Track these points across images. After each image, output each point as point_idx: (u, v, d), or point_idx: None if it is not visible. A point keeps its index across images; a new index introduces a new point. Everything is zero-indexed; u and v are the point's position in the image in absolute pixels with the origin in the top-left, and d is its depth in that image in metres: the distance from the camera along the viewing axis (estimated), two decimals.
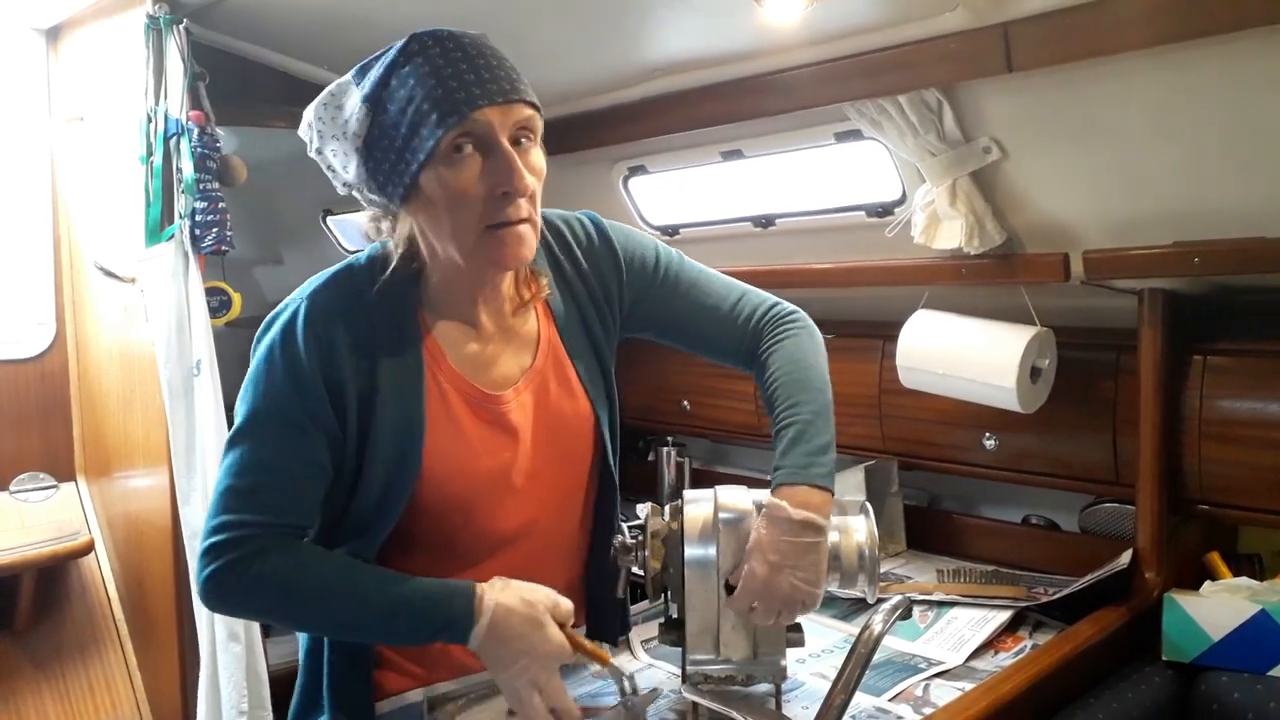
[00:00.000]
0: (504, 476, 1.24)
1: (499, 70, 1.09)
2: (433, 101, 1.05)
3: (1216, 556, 1.76)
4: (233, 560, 1.10)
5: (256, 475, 1.13)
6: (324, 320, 1.15)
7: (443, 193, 1.09)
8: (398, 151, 1.09)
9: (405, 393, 1.17)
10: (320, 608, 1.14)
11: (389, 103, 1.08)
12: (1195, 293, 1.73)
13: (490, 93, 1.07)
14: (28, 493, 2.40)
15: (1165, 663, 1.58)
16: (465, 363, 1.23)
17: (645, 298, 1.36)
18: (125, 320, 2.13)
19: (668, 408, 2.70)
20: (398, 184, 1.10)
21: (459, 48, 1.08)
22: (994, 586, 1.84)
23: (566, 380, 1.29)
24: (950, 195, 1.68)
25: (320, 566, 1.14)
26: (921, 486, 2.32)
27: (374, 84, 1.09)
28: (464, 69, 1.06)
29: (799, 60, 1.71)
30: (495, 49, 1.12)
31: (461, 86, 1.06)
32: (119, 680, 2.26)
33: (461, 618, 1.12)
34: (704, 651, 1.30)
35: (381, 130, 1.09)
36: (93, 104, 2.26)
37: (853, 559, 1.28)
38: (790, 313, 1.38)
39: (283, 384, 1.13)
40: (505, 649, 1.12)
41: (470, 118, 1.06)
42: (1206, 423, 1.69)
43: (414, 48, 1.08)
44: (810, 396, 1.29)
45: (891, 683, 1.49)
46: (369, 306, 1.18)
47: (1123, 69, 1.40)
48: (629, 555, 1.33)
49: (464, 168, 1.08)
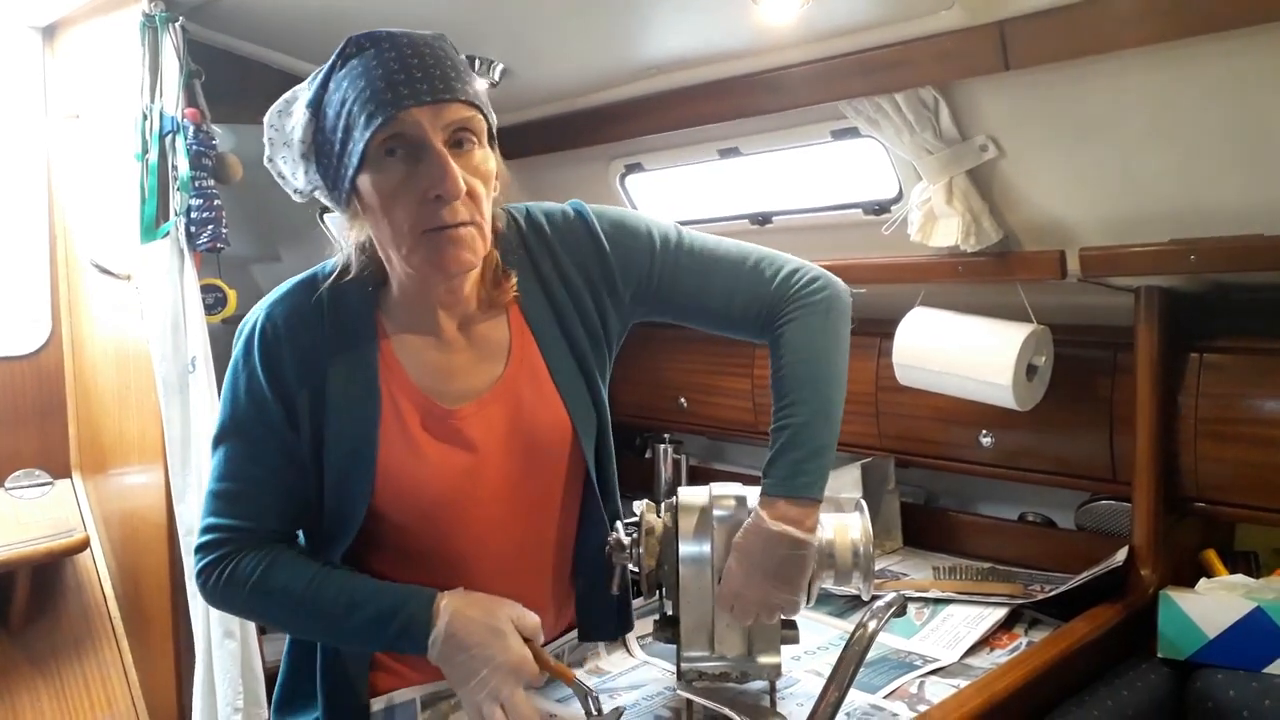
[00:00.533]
0: (464, 491, 1.19)
1: (434, 69, 1.04)
2: (361, 103, 1.02)
3: (1212, 554, 1.76)
4: (212, 561, 1.16)
5: (231, 482, 1.16)
6: (276, 335, 1.15)
7: (376, 197, 1.06)
8: (336, 156, 1.07)
9: (356, 408, 1.15)
10: (284, 610, 1.17)
11: (327, 107, 1.06)
12: (1192, 290, 1.73)
13: (419, 92, 1.02)
14: (23, 490, 2.40)
15: (1160, 660, 1.58)
16: (426, 374, 1.19)
17: (646, 286, 1.28)
18: (121, 317, 2.13)
19: (665, 405, 2.70)
20: (339, 190, 1.09)
21: (394, 48, 1.04)
22: (990, 584, 1.84)
23: (541, 388, 1.23)
24: (947, 193, 1.68)
25: (285, 571, 1.15)
26: (918, 484, 2.32)
27: (315, 89, 1.08)
28: (394, 69, 1.02)
29: (796, 58, 1.71)
30: (438, 48, 1.07)
31: (389, 87, 1.01)
32: (115, 677, 2.25)
33: (418, 622, 1.11)
34: (699, 648, 1.30)
35: (323, 136, 1.08)
36: (89, 101, 2.26)
37: (847, 556, 1.28)
38: (805, 285, 1.27)
39: (243, 398, 1.16)
40: (464, 657, 1.10)
41: (397, 118, 1.02)
42: (1203, 420, 1.69)
43: (350, 50, 1.05)
44: (811, 393, 1.22)
45: (886, 680, 1.49)
46: (326, 318, 1.16)
47: (1119, 67, 1.40)
48: (624, 553, 1.33)
49: (392, 171, 1.05)
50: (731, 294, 1.27)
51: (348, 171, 1.05)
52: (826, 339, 1.25)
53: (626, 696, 1.39)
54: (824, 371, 1.24)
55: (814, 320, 1.25)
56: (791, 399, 1.23)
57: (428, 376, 1.19)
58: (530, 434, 1.22)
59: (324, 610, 1.14)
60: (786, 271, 1.28)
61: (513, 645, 1.11)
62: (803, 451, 1.20)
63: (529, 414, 1.22)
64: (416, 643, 1.12)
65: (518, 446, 1.22)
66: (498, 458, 1.20)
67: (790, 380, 1.23)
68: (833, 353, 1.26)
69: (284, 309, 1.17)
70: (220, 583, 1.15)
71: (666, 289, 1.28)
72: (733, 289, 1.27)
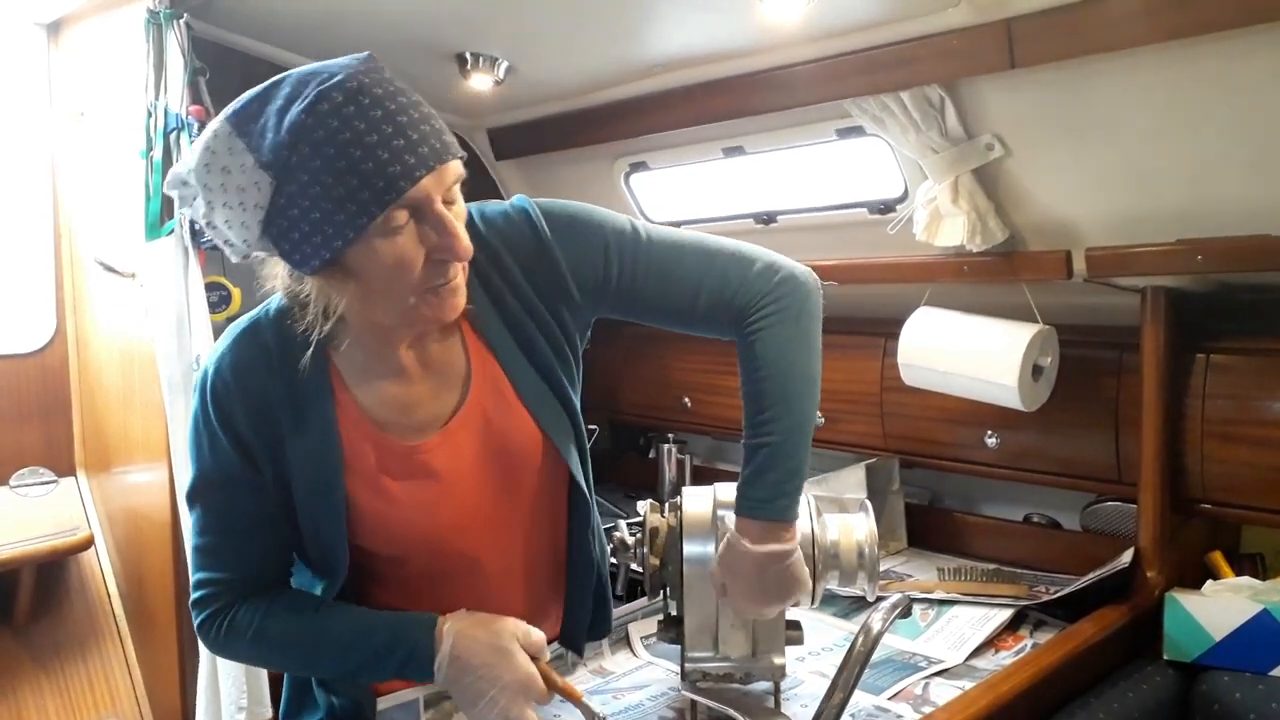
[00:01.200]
0: (441, 520, 1.17)
1: (427, 129, 0.98)
2: (361, 176, 0.94)
3: (1219, 556, 1.75)
4: (209, 616, 1.15)
5: (211, 536, 1.15)
6: (225, 388, 1.11)
7: (376, 267, 1.00)
8: (314, 224, 0.96)
9: (317, 459, 1.12)
10: (289, 654, 1.17)
11: (299, 171, 0.95)
12: (1198, 291, 1.72)
13: (424, 159, 0.96)
14: (28, 488, 2.40)
15: (1166, 662, 1.58)
16: (387, 410, 1.14)
17: (602, 288, 1.20)
18: (125, 315, 2.13)
19: (669, 405, 2.70)
20: (312, 258, 0.98)
21: (377, 106, 0.95)
22: (995, 585, 1.84)
23: (507, 405, 1.18)
24: (952, 192, 1.67)
25: (282, 616, 1.15)
26: (923, 484, 2.31)
27: (277, 148, 0.95)
28: (390, 133, 0.94)
29: (801, 57, 1.71)
30: (415, 99, 0.99)
31: (394, 157, 0.94)
32: (119, 676, 2.25)
33: (422, 648, 1.10)
34: (703, 649, 1.30)
35: (290, 200, 0.96)
36: (93, 98, 2.26)
37: (852, 557, 1.28)
38: (774, 288, 1.20)
39: (206, 453, 1.13)
40: (471, 678, 1.08)
41: (408, 193, 0.96)
42: (1209, 421, 1.69)
43: (324, 108, 0.94)
44: (785, 410, 1.18)
45: (891, 681, 1.48)
46: (275, 365, 1.11)
47: (1126, 65, 1.39)
48: (628, 552, 1.33)
49: (401, 240, 0.99)
50: (696, 295, 1.20)
51: (333, 243, 0.97)
52: (798, 349, 1.20)
53: (630, 697, 1.39)
54: (797, 387, 1.19)
55: (785, 330, 1.20)
56: (767, 416, 1.18)
57: (388, 412, 1.14)
58: (503, 453, 1.18)
59: (327, 650, 1.14)
60: (755, 272, 1.21)
61: (520, 663, 1.09)
62: (780, 472, 1.18)
63: (499, 433, 1.18)
64: (422, 670, 1.11)
65: (492, 467, 1.18)
66: (471, 482, 1.17)
67: (764, 397, 1.19)
68: (806, 364, 1.21)
69: (230, 360, 1.12)
70: (222, 635, 1.15)
71: (625, 290, 1.20)
72: (697, 290, 1.20)
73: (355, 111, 0.94)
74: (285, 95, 0.97)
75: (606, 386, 2.91)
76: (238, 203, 0.98)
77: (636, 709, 1.36)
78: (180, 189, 1.03)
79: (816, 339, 1.23)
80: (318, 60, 1.01)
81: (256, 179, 0.97)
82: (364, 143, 0.94)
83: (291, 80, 0.98)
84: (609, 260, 1.18)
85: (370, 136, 0.94)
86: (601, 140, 2.18)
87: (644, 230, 1.21)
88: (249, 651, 1.18)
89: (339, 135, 0.94)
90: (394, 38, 1.91)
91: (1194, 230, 1.54)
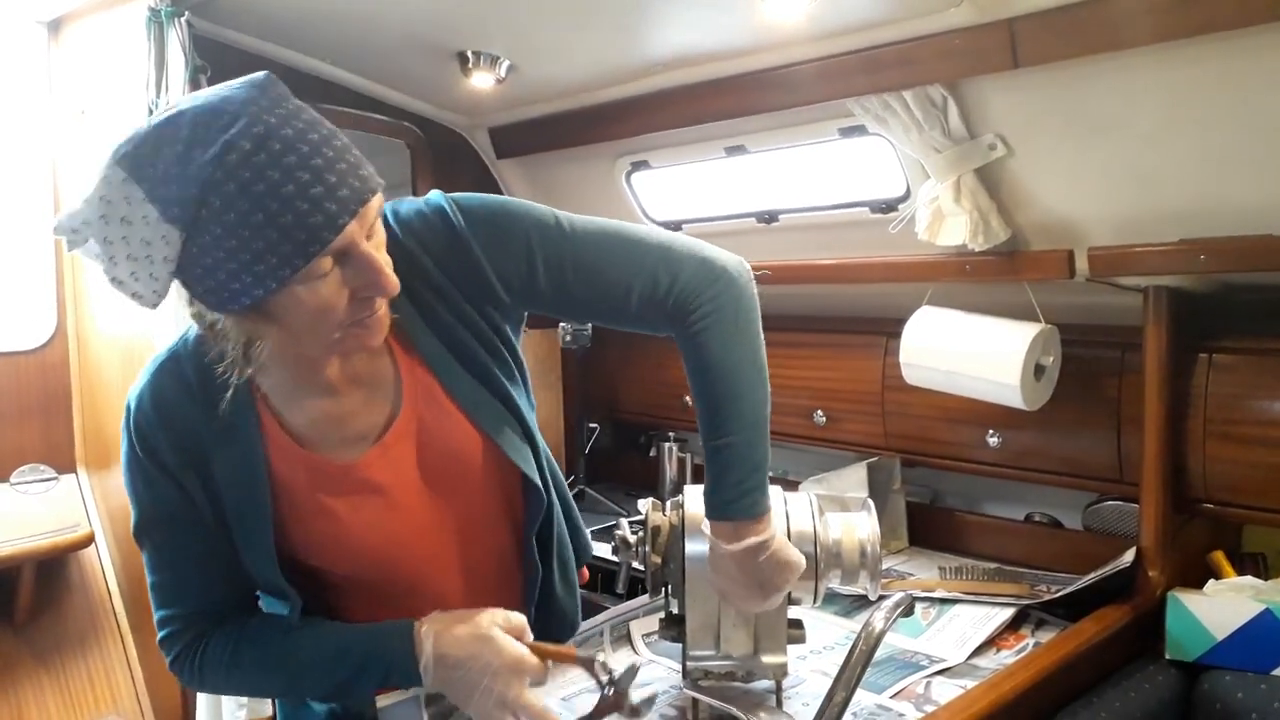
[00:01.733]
0: (388, 534, 1.15)
1: (344, 167, 0.92)
2: (281, 229, 0.88)
3: (1220, 555, 1.75)
4: (179, 654, 1.14)
5: (165, 573, 1.13)
6: (148, 422, 1.08)
7: (300, 312, 0.96)
8: (230, 274, 0.91)
9: (243, 483, 1.09)
10: (269, 680, 1.16)
11: (212, 224, 0.89)
12: (1201, 290, 1.72)
13: (346, 204, 0.91)
14: (28, 484, 2.39)
15: (1168, 661, 1.58)
16: (318, 428, 1.11)
17: (528, 285, 1.15)
18: (125, 312, 2.13)
19: (670, 403, 2.70)
20: (229, 303, 0.94)
21: (289, 150, 0.89)
22: (996, 584, 1.84)
23: (444, 411, 1.14)
24: (955, 191, 1.67)
25: (255, 644, 1.13)
26: (924, 483, 2.31)
27: (184, 202, 0.89)
28: (306, 180, 0.89)
29: (803, 56, 1.71)
30: (326, 132, 0.94)
31: (314, 207, 0.89)
32: (119, 673, 2.25)
33: (404, 655, 1.08)
34: (705, 647, 1.30)
35: (203, 251, 0.90)
36: (94, 97, 2.25)
37: (854, 556, 1.28)
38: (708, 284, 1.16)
39: (142, 491, 1.11)
40: (461, 673, 1.07)
41: (332, 242, 0.92)
42: (1211, 421, 1.68)
43: (232, 159, 0.88)
44: (737, 409, 1.16)
45: (893, 680, 1.48)
46: (198, 395, 1.08)
47: (1129, 65, 1.39)
48: (629, 551, 1.33)
49: (325, 285, 0.95)
50: (627, 296, 1.15)
51: (254, 292, 0.92)
52: (741, 345, 1.17)
53: (632, 695, 1.38)
54: (746, 382, 1.17)
55: (724, 328, 1.16)
56: (720, 417, 1.16)
57: (319, 430, 1.11)
58: (444, 459, 1.16)
59: (309, 672, 1.12)
60: (686, 270, 1.16)
61: (505, 646, 1.07)
62: (742, 470, 1.17)
63: (438, 440, 1.15)
64: (408, 676, 1.09)
65: (435, 475, 1.16)
66: (415, 493, 1.15)
67: (716, 399, 1.16)
68: (751, 357, 1.18)
69: (150, 393, 1.09)
70: (198, 670, 1.13)
71: (553, 290, 1.15)
72: (628, 291, 1.15)
73: (266, 160, 0.88)
74: (185, 140, 0.89)
75: (607, 385, 2.91)
76: (144, 255, 0.91)
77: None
78: (69, 235, 0.93)
79: (757, 329, 1.20)
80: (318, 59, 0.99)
81: (163, 232, 0.90)
82: (280, 194, 0.88)
83: (188, 121, 0.90)
84: (533, 259, 1.13)
85: (286, 187, 0.88)
86: (603, 139, 2.18)
87: (568, 224, 1.15)
88: (229, 682, 1.16)
89: (252, 188, 0.88)
90: (395, 36, 1.91)
91: (1197, 230, 1.54)
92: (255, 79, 0.94)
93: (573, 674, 1.41)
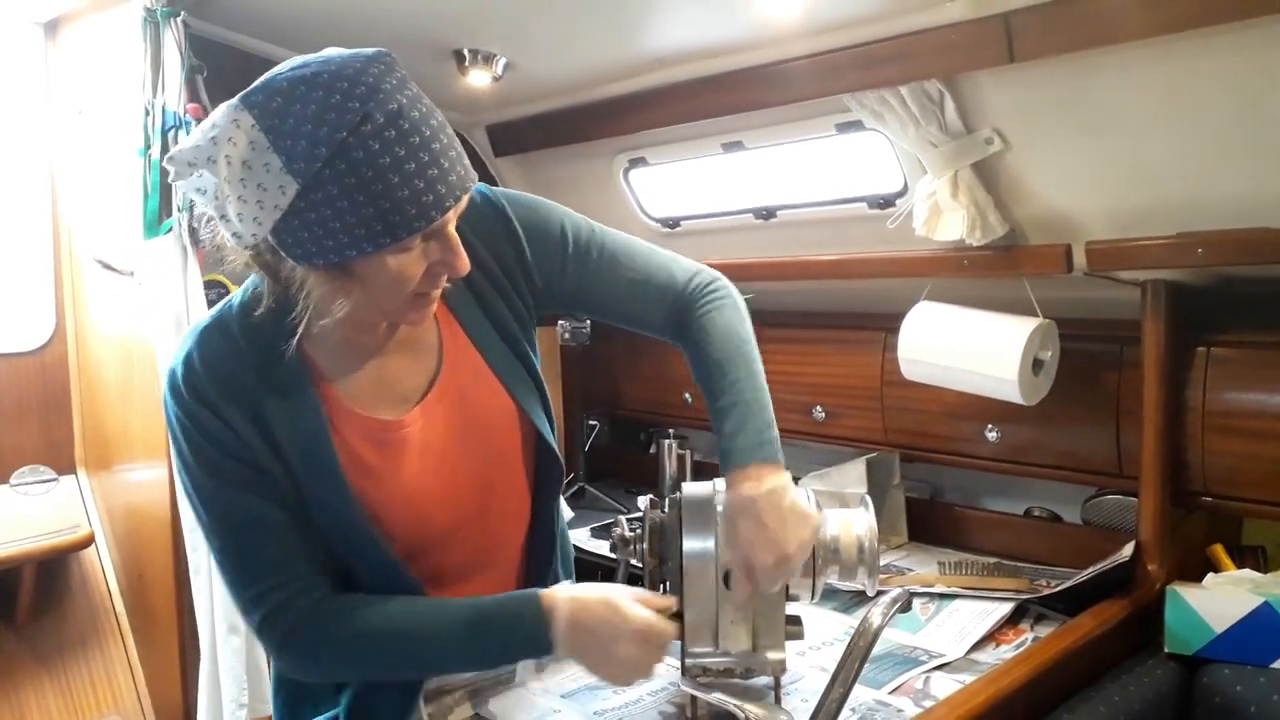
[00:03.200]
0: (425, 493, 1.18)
1: (454, 155, 1.00)
2: (394, 201, 0.95)
3: (1220, 549, 1.75)
4: (288, 630, 1.09)
5: (246, 539, 1.09)
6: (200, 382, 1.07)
7: (381, 277, 1.02)
8: (330, 232, 0.96)
9: (311, 445, 1.10)
10: (396, 651, 1.12)
11: (330, 184, 0.94)
12: (1199, 284, 1.72)
13: (453, 189, 0.99)
14: (28, 485, 2.40)
15: (1168, 655, 1.58)
16: (364, 389, 1.15)
17: (558, 275, 1.26)
18: (124, 313, 2.13)
19: (670, 400, 2.70)
20: (317, 257, 0.99)
21: (415, 132, 0.96)
22: (996, 579, 1.84)
23: (481, 376, 1.22)
24: (952, 186, 1.67)
25: (377, 618, 1.10)
26: (923, 478, 2.31)
27: (310, 158, 0.94)
28: (425, 161, 0.96)
29: (799, 51, 1.71)
30: (441, 120, 1.01)
31: (427, 187, 0.97)
32: (120, 673, 2.26)
33: (535, 622, 1.10)
34: (703, 644, 1.29)
35: (311, 206, 0.96)
36: (91, 97, 2.25)
37: (852, 552, 1.27)
38: (712, 281, 1.31)
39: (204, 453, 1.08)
40: (593, 638, 1.10)
41: (435, 222, 0.99)
42: (1210, 415, 1.68)
43: (367, 129, 0.94)
44: (748, 372, 1.24)
45: (892, 676, 1.48)
46: (248, 359, 1.09)
47: (1125, 59, 1.39)
48: (627, 548, 1.33)
49: (410, 257, 1.02)
50: (643, 296, 1.28)
51: (346, 252, 0.98)
52: (745, 328, 1.28)
53: (630, 692, 1.39)
54: (754, 353, 1.26)
55: (730, 313, 1.28)
56: (732, 378, 1.23)
57: (367, 391, 1.15)
58: (478, 421, 1.21)
59: (439, 642, 1.11)
60: (692, 272, 1.31)
61: (637, 611, 1.12)
62: (760, 421, 1.21)
63: (473, 403, 1.21)
64: (540, 645, 1.11)
65: (468, 437, 1.21)
66: (449, 453, 1.19)
67: (728, 363, 1.24)
68: (753, 342, 1.28)
69: (199, 355, 1.09)
70: (311, 648, 1.09)
71: (575, 285, 1.27)
72: (643, 291, 1.28)
73: (395, 136, 0.95)
74: (319, 101, 0.94)
75: (608, 382, 2.91)
76: (255, 200, 0.96)
77: (636, 704, 1.36)
78: (180, 167, 0.99)
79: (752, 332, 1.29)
80: None
81: (282, 182, 0.95)
82: (402, 170, 0.95)
83: (323, 84, 0.95)
84: (567, 255, 1.25)
85: (409, 164, 0.95)
86: (600, 136, 2.18)
87: (597, 231, 1.29)
88: (347, 654, 1.11)
89: (378, 159, 0.94)
90: (392, 34, 1.90)
91: (1194, 223, 1.53)
92: (379, 55, 0.99)
93: (571, 671, 1.42)
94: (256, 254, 1.04)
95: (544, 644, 1.11)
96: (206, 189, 0.99)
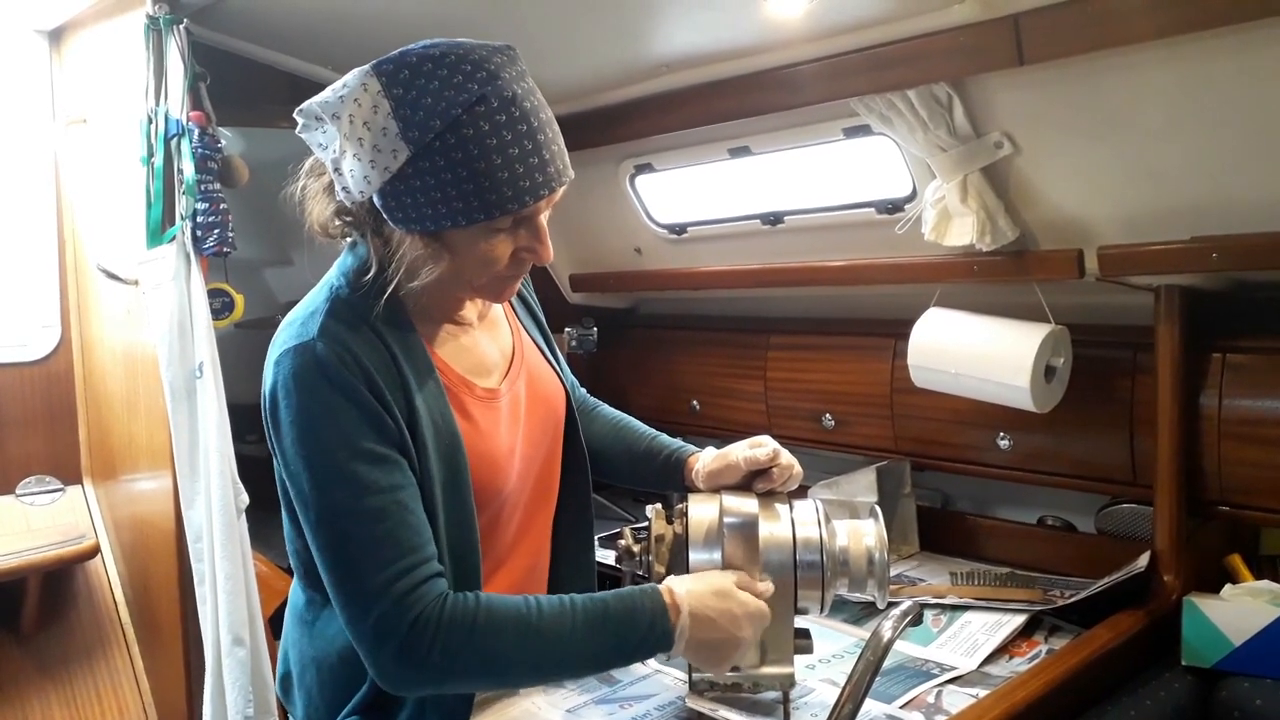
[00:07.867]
0: (510, 461, 1.25)
1: (556, 149, 1.08)
2: (495, 181, 1.03)
3: (1237, 559, 1.72)
4: (417, 620, 1.05)
5: (386, 520, 1.06)
6: (346, 349, 1.09)
7: (470, 252, 1.10)
8: (430, 201, 1.04)
9: (439, 410, 1.15)
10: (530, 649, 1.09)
11: (439, 155, 1.02)
12: (1213, 289, 1.70)
13: (550, 179, 1.07)
14: (34, 496, 2.40)
15: (1185, 668, 1.55)
16: (460, 360, 1.23)
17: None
18: (129, 322, 2.12)
19: (678, 408, 2.68)
20: (414, 224, 1.06)
21: (525, 120, 1.04)
22: (1008, 589, 1.81)
23: (539, 357, 1.37)
24: (961, 191, 1.65)
25: (506, 617, 1.08)
26: (934, 487, 2.29)
27: (425, 128, 1.01)
28: (530, 149, 1.04)
29: (806, 55, 1.69)
30: (550, 115, 1.09)
31: (528, 172, 1.04)
32: (125, 684, 2.25)
33: (665, 618, 1.12)
34: None
35: (418, 174, 1.03)
36: (95, 105, 2.26)
37: (862, 563, 1.26)
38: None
39: (347, 427, 1.07)
40: (714, 632, 1.14)
41: (529, 207, 1.07)
42: (1226, 422, 1.66)
43: (482, 109, 1.01)
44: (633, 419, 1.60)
45: (903, 689, 1.46)
46: (374, 330, 1.13)
47: (1137, 60, 1.37)
48: (634, 560, 1.31)
49: (500, 237, 1.10)
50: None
51: (444, 222, 1.05)
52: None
53: (637, 707, 1.37)
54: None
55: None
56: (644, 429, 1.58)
57: (460, 362, 1.23)
58: (542, 400, 1.33)
59: (569, 641, 1.09)
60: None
61: (746, 597, 1.16)
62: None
63: (539, 384, 1.33)
64: (663, 642, 1.13)
65: (535, 412, 1.31)
66: (526, 426, 1.29)
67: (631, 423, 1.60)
68: None
69: (334, 327, 1.10)
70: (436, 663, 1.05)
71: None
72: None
73: (507, 120, 1.02)
74: (443, 79, 1.02)
75: (615, 389, 2.89)
76: (369, 159, 1.04)
77: (643, 719, 1.34)
78: (309, 120, 1.08)
79: None
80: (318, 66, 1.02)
81: (395, 146, 1.02)
82: (508, 153, 1.03)
83: (449, 63, 1.02)
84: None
85: (514, 149, 1.03)
86: (606, 142, 2.17)
87: None
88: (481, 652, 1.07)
89: (488, 139, 1.02)
90: (395, 42, 1.89)
91: (1208, 227, 1.51)
92: (504, 47, 1.08)
93: (573, 686, 1.40)
94: (356, 217, 1.11)
95: (665, 640, 1.13)
96: (328, 144, 1.07)
